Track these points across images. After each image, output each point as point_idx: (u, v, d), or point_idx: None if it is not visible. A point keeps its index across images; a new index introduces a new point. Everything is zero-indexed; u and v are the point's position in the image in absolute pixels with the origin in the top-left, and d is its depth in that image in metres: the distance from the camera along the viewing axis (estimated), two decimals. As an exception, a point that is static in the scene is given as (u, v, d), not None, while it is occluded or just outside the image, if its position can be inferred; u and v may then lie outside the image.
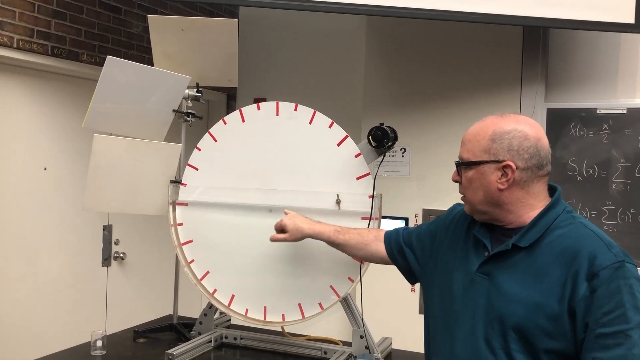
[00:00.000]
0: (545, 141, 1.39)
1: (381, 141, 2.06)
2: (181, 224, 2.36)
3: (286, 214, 2.02)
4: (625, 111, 3.09)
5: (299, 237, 1.96)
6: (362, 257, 1.95)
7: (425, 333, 1.61)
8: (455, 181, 1.49)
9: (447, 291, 1.50)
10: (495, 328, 1.35)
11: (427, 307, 1.61)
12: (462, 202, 1.55)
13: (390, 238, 1.80)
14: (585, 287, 1.25)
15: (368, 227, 2.07)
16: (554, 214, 1.37)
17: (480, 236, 1.45)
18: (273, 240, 2.00)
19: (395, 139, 2.11)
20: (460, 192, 1.49)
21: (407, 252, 1.73)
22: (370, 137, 2.07)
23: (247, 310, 2.26)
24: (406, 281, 1.80)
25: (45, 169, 3.31)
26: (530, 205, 1.39)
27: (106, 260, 3.68)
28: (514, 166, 1.36)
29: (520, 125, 1.38)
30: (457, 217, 1.60)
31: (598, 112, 3.14)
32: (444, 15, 2.70)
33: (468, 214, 1.53)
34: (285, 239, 1.98)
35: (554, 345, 1.28)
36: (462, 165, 1.45)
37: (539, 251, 1.34)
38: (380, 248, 1.82)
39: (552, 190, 1.44)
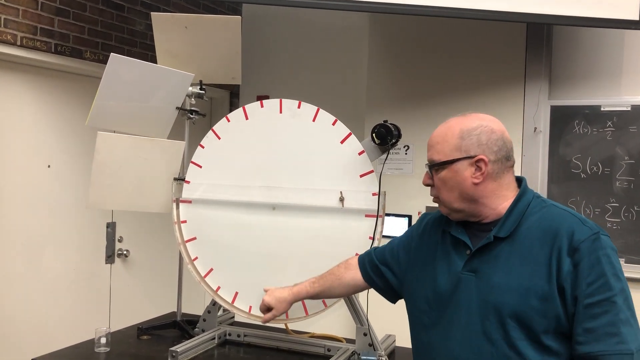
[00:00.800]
0: (507, 134, 1.46)
1: (385, 138, 2.05)
2: (185, 222, 2.36)
3: (265, 291, 1.98)
4: (629, 108, 3.09)
5: (286, 307, 1.92)
6: (343, 293, 1.89)
7: (415, 341, 1.60)
8: (427, 184, 1.53)
9: (434, 297, 1.51)
10: (493, 321, 1.38)
11: (414, 317, 1.60)
12: (429, 213, 1.62)
13: (364, 261, 1.79)
14: (569, 263, 1.31)
15: (375, 225, 2.08)
16: (525, 201, 1.43)
17: (459, 235, 1.48)
18: (265, 322, 1.96)
19: (399, 136, 2.11)
20: (433, 194, 1.52)
21: (383, 270, 1.72)
22: (373, 135, 2.07)
23: (250, 307, 2.27)
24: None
25: (49, 166, 3.32)
26: (503, 196, 1.44)
27: (110, 258, 3.68)
28: (486, 159, 1.41)
29: (485, 122, 1.45)
30: (430, 225, 1.63)
31: (602, 109, 3.14)
32: (447, 12, 2.69)
33: (439, 220, 1.58)
34: (275, 315, 1.92)
35: (551, 325, 1.32)
36: (435, 166, 1.48)
37: (519, 238, 1.39)
38: (354, 275, 1.80)
39: (518, 181, 1.50)
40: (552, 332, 1.32)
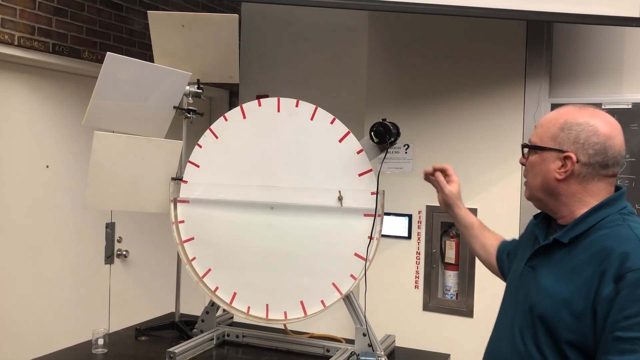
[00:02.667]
0: (617, 141, 1.37)
1: (383, 137, 2.04)
2: (182, 222, 2.35)
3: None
4: (630, 106, 3.07)
5: (456, 192, 1.86)
6: (486, 259, 1.87)
7: None
8: (521, 163, 1.52)
9: (507, 284, 1.59)
10: (527, 319, 1.39)
11: None
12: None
13: (501, 246, 1.84)
14: (612, 289, 1.24)
15: (373, 224, 2.06)
16: (603, 214, 1.36)
17: (537, 231, 1.50)
18: (432, 173, 1.87)
19: (398, 134, 2.10)
20: (524, 175, 1.52)
21: (504, 259, 1.78)
22: (372, 133, 2.06)
23: (249, 307, 2.25)
24: (409, 279, 1.81)
25: (47, 166, 3.31)
26: (585, 202, 1.38)
27: (109, 258, 3.67)
28: (574, 158, 1.35)
29: (594, 120, 1.37)
30: (531, 223, 1.63)
31: (603, 107, 3.11)
32: (447, 10, 2.68)
33: (534, 219, 1.58)
34: (444, 184, 1.85)
35: (576, 339, 1.29)
36: (528, 147, 1.47)
37: (578, 249, 1.35)
38: (494, 248, 1.84)
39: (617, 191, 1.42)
40: (576, 347, 1.29)
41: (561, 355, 1.31)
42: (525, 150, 1.50)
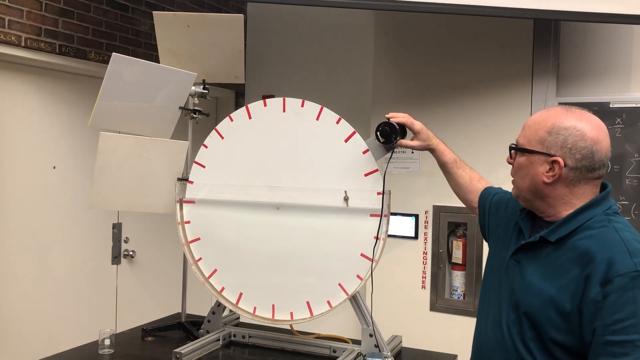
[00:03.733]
0: (604, 145, 1.38)
1: (389, 137, 2.03)
2: (188, 222, 2.35)
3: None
4: (639, 105, 3.04)
5: (425, 138, 1.94)
6: (459, 197, 1.96)
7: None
8: (509, 162, 1.52)
9: (489, 271, 1.59)
10: (514, 315, 1.40)
11: (483, 278, 1.67)
12: None
13: (487, 191, 1.84)
14: (598, 292, 1.25)
15: (379, 224, 2.05)
16: (589, 214, 1.37)
17: (522, 225, 1.50)
18: (395, 118, 1.95)
19: (404, 134, 2.09)
20: (511, 174, 1.52)
21: (485, 212, 1.78)
22: (378, 133, 2.04)
23: (255, 308, 2.25)
24: (415, 279, 1.81)
25: (54, 167, 3.32)
26: (572, 204, 1.39)
27: (116, 259, 3.68)
28: (562, 163, 1.36)
29: (581, 124, 1.37)
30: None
31: (611, 106, 3.09)
32: (454, 9, 2.66)
33: (519, 213, 1.57)
34: (411, 123, 1.95)
35: (562, 338, 1.31)
36: (516, 149, 1.47)
37: (565, 248, 1.35)
38: (478, 188, 1.87)
39: (603, 188, 1.44)
40: (561, 345, 1.31)
41: (546, 351, 1.33)
42: (513, 150, 1.50)
